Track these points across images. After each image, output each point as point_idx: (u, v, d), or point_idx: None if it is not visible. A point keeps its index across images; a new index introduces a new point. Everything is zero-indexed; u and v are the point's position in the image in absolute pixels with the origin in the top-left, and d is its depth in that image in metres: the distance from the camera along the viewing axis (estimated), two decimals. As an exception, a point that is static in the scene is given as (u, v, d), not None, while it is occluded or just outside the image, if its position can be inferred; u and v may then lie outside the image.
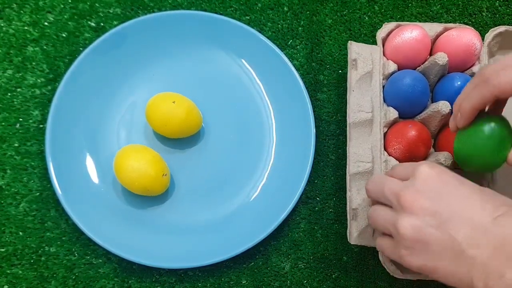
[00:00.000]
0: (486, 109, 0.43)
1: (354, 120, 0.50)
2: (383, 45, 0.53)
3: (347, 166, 0.49)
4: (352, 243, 0.48)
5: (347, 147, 0.50)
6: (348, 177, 0.49)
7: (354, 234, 0.48)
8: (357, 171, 0.49)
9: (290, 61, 0.55)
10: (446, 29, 0.52)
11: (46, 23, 0.57)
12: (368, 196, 0.43)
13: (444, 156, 0.48)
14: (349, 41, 0.52)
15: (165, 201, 0.53)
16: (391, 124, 0.51)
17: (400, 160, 0.50)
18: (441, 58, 0.49)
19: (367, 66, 0.51)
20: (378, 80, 0.51)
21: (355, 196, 0.48)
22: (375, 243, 0.43)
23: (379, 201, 0.41)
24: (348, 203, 0.48)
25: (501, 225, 0.34)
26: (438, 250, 0.36)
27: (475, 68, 0.52)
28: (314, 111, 0.54)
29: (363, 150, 0.49)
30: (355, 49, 0.52)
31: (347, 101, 0.51)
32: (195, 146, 0.54)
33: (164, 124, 0.51)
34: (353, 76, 0.51)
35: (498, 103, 0.42)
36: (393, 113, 0.50)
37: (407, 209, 0.37)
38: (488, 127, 0.41)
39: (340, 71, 0.57)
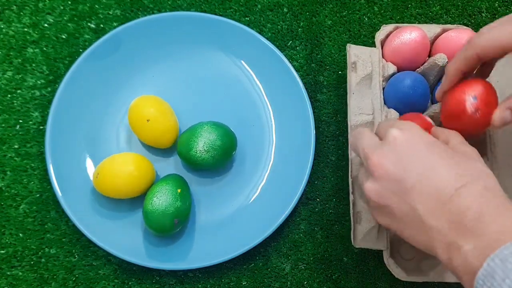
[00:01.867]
0: (475, 71, 0.43)
1: (355, 123, 0.50)
2: (382, 47, 0.53)
3: (349, 169, 0.49)
4: (356, 247, 0.48)
5: (349, 150, 0.50)
6: (350, 180, 0.49)
7: (359, 237, 0.48)
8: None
9: (290, 62, 0.55)
10: (444, 30, 0.52)
11: (46, 25, 0.57)
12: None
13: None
14: (347, 44, 0.52)
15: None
16: None
17: None
18: (440, 59, 0.49)
19: (366, 69, 0.51)
20: (378, 82, 0.51)
21: (358, 199, 0.48)
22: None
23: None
24: (351, 206, 0.48)
25: (461, 196, 0.34)
26: (400, 216, 0.37)
27: None
28: (313, 112, 0.54)
29: None
30: (354, 51, 0.52)
31: (348, 104, 0.51)
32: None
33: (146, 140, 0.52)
34: (352, 79, 0.51)
35: (485, 67, 0.43)
36: (394, 115, 0.50)
37: (373, 172, 0.38)
38: None
39: (340, 72, 0.57)
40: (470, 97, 0.40)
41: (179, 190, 0.48)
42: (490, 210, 0.33)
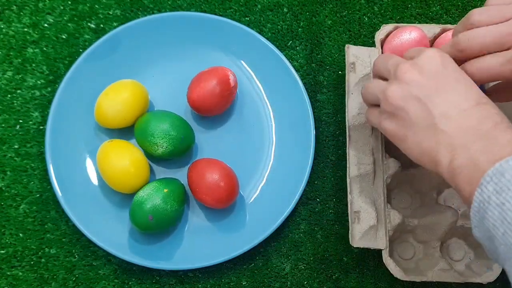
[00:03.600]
0: None
1: (353, 123, 0.50)
2: (382, 47, 0.53)
3: (348, 169, 0.49)
4: (354, 246, 0.48)
5: (347, 150, 0.50)
6: (348, 180, 0.49)
7: (357, 236, 0.48)
8: (358, 173, 0.49)
9: (290, 62, 0.55)
10: (444, 30, 0.52)
11: (46, 25, 0.57)
12: (373, 69, 0.45)
13: None
14: (346, 45, 0.52)
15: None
16: None
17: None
18: None
19: (365, 69, 0.51)
20: None
21: (357, 198, 0.48)
22: (365, 114, 0.45)
23: (380, 75, 0.43)
24: (349, 206, 0.48)
25: (481, 109, 0.36)
26: (413, 120, 0.38)
27: None
28: (313, 112, 0.54)
29: (364, 152, 0.49)
30: (353, 52, 0.52)
31: (346, 104, 0.51)
32: (194, 147, 0.54)
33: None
34: (351, 79, 0.51)
35: None
36: None
37: (400, 78, 0.39)
38: None
39: (340, 72, 0.57)
40: None
41: (165, 190, 0.48)
42: (508, 122, 0.35)
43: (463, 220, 0.50)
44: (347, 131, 0.50)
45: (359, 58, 0.51)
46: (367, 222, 0.48)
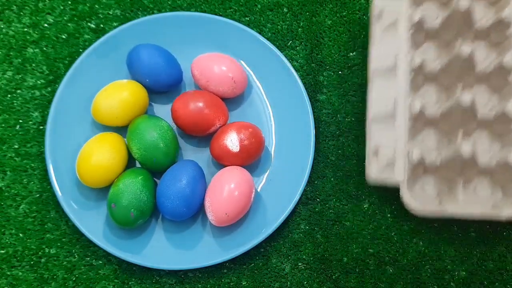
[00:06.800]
0: None
1: (377, 67, 0.49)
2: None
3: (368, 110, 0.48)
4: (371, 182, 0.46)
5: (368, 92, 0.48)
6: (369, 120, 0.48)
7: (374, 171, 0.45)
8: (378, 115, 0.48)
9: (290, 62, 0.55)
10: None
11: (46, 25, 0.57)
12: None
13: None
14: None
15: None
16: (419, 70, 0.50)
17: None
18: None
19: (392, 17, 0.50)
20: (405, 27, 0.50)
21: (376, 134, 0.47)
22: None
23: None
24: (368, 142, 0.47)
25: None
26: None
27: None
28: (313, 112, 0.54)
29: (385, 97, 0.48)
30: (380, 3, 0.51)
31: (369, 52, 0.49)
32: (194, 147, 0.54)
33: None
34: (377, 29, 0.50)
35: None
36: (419, 58, 0.49)
37: None
38: None
39: (340, 72, 0.57)
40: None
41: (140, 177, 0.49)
42: None
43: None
44: (369, 76, 0.49)
45: (386, 6, 0.51)
46: (385, 158, 0.45)
